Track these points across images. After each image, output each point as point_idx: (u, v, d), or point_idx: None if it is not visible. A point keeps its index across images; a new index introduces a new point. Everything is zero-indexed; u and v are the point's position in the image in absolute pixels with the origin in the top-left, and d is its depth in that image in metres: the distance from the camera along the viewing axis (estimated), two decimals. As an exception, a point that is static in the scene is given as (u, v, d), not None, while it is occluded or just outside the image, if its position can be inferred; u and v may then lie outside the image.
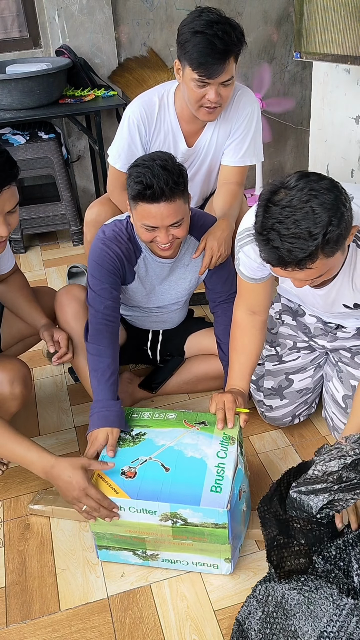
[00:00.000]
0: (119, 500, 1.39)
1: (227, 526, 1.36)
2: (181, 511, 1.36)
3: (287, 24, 3.46)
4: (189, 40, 1.77)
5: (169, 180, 1.55)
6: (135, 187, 1.57)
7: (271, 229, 1.20)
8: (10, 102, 2.87)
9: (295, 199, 1.18)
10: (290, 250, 1.19)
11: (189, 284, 1.91)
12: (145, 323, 2.03)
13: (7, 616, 1.43)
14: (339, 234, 1.19)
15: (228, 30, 1.75)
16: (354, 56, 2.11)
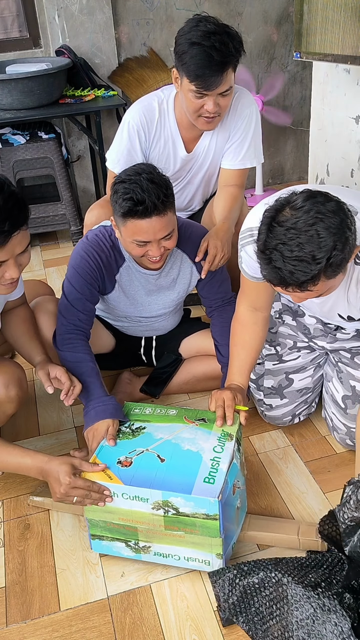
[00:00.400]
0: (112, 486, 1.39)
1: (218, 518, 1.35)
2: (173, 499, 1.36)
3: (287, 24, 3.47)
4: (186, 52, 1.76)
5: (159, 194, 1.54)
6: (124, 204, 1.55)
7: (274, 249, 1.19)
8: (10, 102, 2.87)
9: (301, 221, 1.17)
10: (292, 272, 1.18)
11: (177, 295, 1.90)
12: (137, 332, 2.03)
13: (7, 616, 1.43)
14: (342, 258, 1.19)
15: (226, 41, 1.73)
16: (354, 56, 2.11)
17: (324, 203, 1.19)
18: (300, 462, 1.80)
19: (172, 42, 3.31)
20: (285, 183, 3.97)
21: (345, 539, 1.33)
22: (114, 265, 1.78)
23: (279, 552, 1.51)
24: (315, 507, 1.64)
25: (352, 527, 1.30)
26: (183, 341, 2.06)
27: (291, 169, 3.95)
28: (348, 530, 1.31)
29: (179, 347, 2.06)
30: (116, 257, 1.77)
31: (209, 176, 2.16)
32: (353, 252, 1.24)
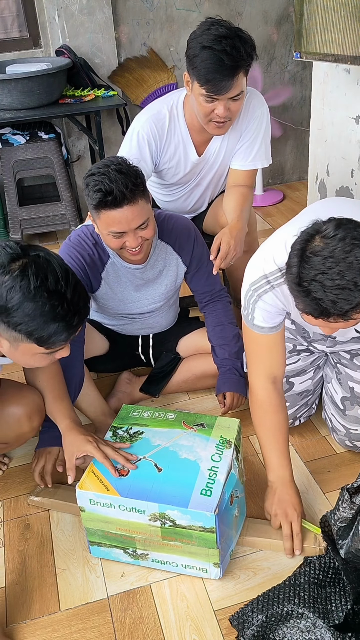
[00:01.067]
0: (109, 498, 1.39)
1: (214, 530, 1.35)
2: (169, 512, 1.35)
3: (287, 24, 3.46)
4: (197, 56, 1.74)
5: (127, 182, 1.54)
6: (95, 195, 1.55)
7: (313, 280, 1.16)
8: (10, 102, 2.87)
9: (338, 250, 1.14)
10: (334, 302, 1.16)
11: (165, 288, 1.90)
12: (132, 330, 2.03)
13: (7, 616, 1.43)
14: None
15: (237, 45, 1.71)
16: (354, 56, 2.10)
17: (356, 228, 1.17)
18: (300, 462, 1.80)
19: (172, 42, 3.34)
20: (285, 183, 3.97)
21: (339, 541, 1.32)
22: (99, 263, 1.79)
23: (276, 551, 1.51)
24: (315, 507, 1.64)
25: (344, 528, 1.30)
26: (181, 340, 2.06)
27: (291, 169, 3.95)
28: (340, 532, 1.31)
29: (177, 346, 2.06)
30: (100, 254, 1.78)
31: (218, 177, 2.16)
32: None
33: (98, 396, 1.85)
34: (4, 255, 1.24)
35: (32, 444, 1.94)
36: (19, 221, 3.22)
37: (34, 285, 1.21)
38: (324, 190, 2.78)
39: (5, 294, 1.21)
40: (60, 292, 1.24)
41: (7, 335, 1.27)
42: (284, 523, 1.50)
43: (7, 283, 1.21)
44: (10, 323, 1.24)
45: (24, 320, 1.22)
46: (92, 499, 1.40)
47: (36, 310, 1.22)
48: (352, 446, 1.77)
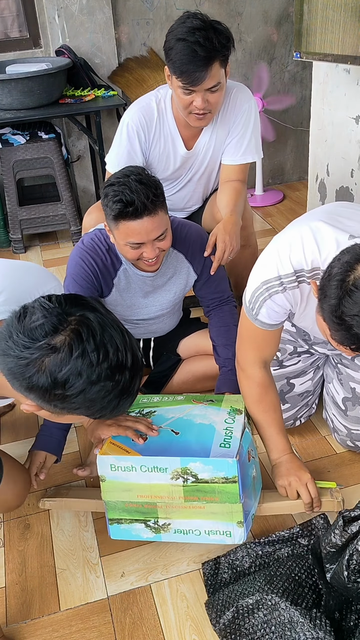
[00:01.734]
0: (130, 459, 1.41)
1: (237, 480, 1.38)
2: (191, 465, 1.38)
3: (287, 24, 3.46)
4: (172, 48, 1.77)
5: (149, 193, 1.53)
6: (115, 206, 1.55)
7: (357, 315, 1.11)
8: (10, 102, 2.87)
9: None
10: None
11: (173, 295, 1.90)
12: (135, 334, 2.02)
13: (7, 616, 1.43)
14: None
15: (210, 36, 1.73)
16: (354, 56, 2.10)
17: None
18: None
19: (172, 42, 3.33)
20: (286, 183, 3.97)
21: (326, 564, 1.31)
22: (111, 269, 1.78)
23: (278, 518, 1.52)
24: (315, 507, 1.64)
25: (333, 554, 1.29)
26: (182, 341, 2.06)
27: (291, 169, 3.95)
28: (329, 556, 1.30)
29: (177, 347, 2.06)
30: (113, 260, 1.77)
31: (209, 173, 2.16)
32: None
33: None
34: (46, 322, 1.00)
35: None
36: (19, 221, 3.22)
37: (95, 366, 1.00)
38: (324, 190, 2.78)
39: (60, 377, 0.99)
40: (123, 363, 1.04)
41: (57, 412, 1.08)
42: (300, 488, 1.52)
43: (61, 365, 0.99)
44: (66, 408, 1.05)
45: (85, 406, 1.04)
46: (113, 464, 1.42)
47: (100, 393, 1.03)
48: (353, 446, 1.77)
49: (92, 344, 1.00)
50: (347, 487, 1.70)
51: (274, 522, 1.61)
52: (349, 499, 1.65)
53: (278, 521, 1.61)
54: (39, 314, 1.01)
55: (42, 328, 1.00)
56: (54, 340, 0.99)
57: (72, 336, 0.99)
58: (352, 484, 1.70)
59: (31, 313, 1.02)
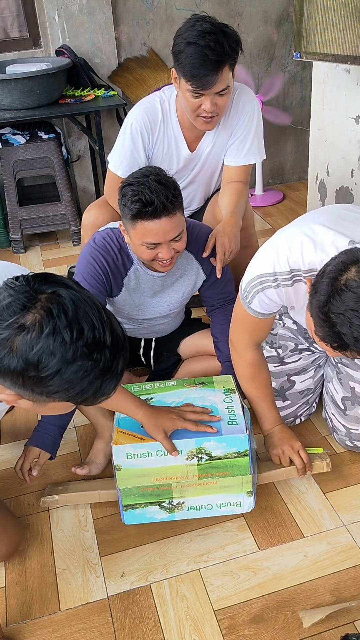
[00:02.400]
0: (146, 446, 1.46)
1: (248, 453, 1.47)
2: (206, 444, 1.46)
3: (287, 24, 3.46)
4: (182, 52, 1.77)
5: (168, 194, 1.54)
6: (133, 206, 1.55)
7: (342, 314, 1.13)
8: (10, 102, 2.87)
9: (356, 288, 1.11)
10: (357, 339, 1.14)
11: (181, 296, 1.90)
12: (137, 334, 2.03)
13: (7, 616, 1.43)
14: None
15: (221, 40, 1.74)
16: (354, 56, 2.10)
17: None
18: (300, 462, 1.80)
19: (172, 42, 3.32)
20: (285, 183, 3.97)
21: None
22: (122, 269, 1.78)
23: (278, 518, 1.51)
24: (315, 507, 1.64)
25: None
26: (182, 341, 2.06)
27: (291, 169, 3.95)
28: None
29: (178, 347, 2.06)
30: (124, 260, 1.77)
31: (210, 174, 2.16)
32: None
33: None
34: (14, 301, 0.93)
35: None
36: (19, 221, 3.22)
37: (70, 344, 0.93)
38: (324, 190, 2.78)
39: (31, 358, 0.92)
40: (101, 340, 0.96)
41: (37, 399, 1.01)
42: (293, 455, 1.63)
43: (32, 344, 0.92)
44: (44, 392, 0.97)
45: (64, 388, 0.96)
46: (129, 453, 1.47)
47: (78, 374, 0.95)
48: (352, 446, 1.77)
49: (65, 321, 0.93)
50: (347, 487, 1.70)
51: (274, 520, 1.61)
52: (349, 499, 1.66)
53: (279, 521, 1.61)
54: (5, 294, 0.94)
55: (9, 307, 0.93)
56: (24, 319, 0.92)
57: (43, 313, 0.92)
58: (352, 484, 1.70)
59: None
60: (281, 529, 1.59)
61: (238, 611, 1.40)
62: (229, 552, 1.54)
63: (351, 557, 1.50)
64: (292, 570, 1.48)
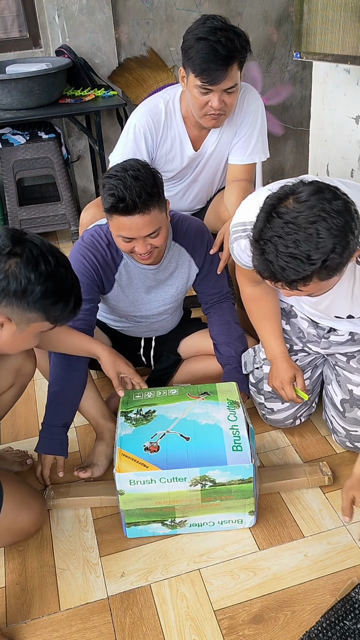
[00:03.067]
0: (150, 474, 1.44)
1: (252, 480, 1.47)
2: (210, 473, 1.45)
3: (287, 24, 3.46)
4: (192, 47, 1.77)
5: (141, 192, 1.53)
6: (108, 199, 1.55)
7: (269, 240, 1.13)
8: (10, 102, 2.87)
9: (302, 217, 1.10)
10: (283, 268, 1.13)
11: (176, 290, 1.90)
12: (137, 333, 2.03)
13: (7, 616, 1.43)
14: (339, 262, 1.13)
15: (232, 37, 1.75)
16: (354, 56, 2.10)
17: (331, 201, 1.11)
18: (300, 462, 1.80)
19: (172, 42, 3.33)
20: (285, 183, 3.96)
21: None
22: (112, 264, 1.78)
23: (278, 518, 1.51)
24: (315, 507, 1.64)
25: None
26: (182, 341, 2.06)
27: (291, 169, 3.95)
28: None
29: (178, 347, 2.06)
30: (113, 255, 1.77)
31: (213, 173, 2.16)
32: (353, 256, 1.18)
33: (99, 399, 1.85)
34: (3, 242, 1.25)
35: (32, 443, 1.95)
36: (19, 221, 3.22)
37: (52, 266, 1.26)
38: (324, 190, 2.77)
39: (20, 275, 1.22)
40: (68, 268, 1.32)
41: (22, 318, 1.27)
42: (284, 389, 1.72)
43: (25, 268, 1.23)
44: (32, 305, 1.25)
45: (47, 299, 1.25)
46: (132, 480, 1.45)
47: (59, 286, 1.26)
48: (352, 447, 1.77)
49: (37, 251, 1.25)
50: (347, 487, 1.70)
51: (274, 520, 1.61)
52: (349, 499, 1.66)
53: (279, 521, 1.61)
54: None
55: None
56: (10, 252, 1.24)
57: (22, 248, 1.25)
58: (352, 484, 1.70)
59: None
60: (281, 529, 1.59)
61: (238, 611, 1.40)
62: (229, 552, 1.54)
63: (351, 557, 1.50)
64: (292, 570, 1.48)
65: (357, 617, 1.33)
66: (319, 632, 1.32)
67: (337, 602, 1.37)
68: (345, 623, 1.32)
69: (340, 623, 1.33)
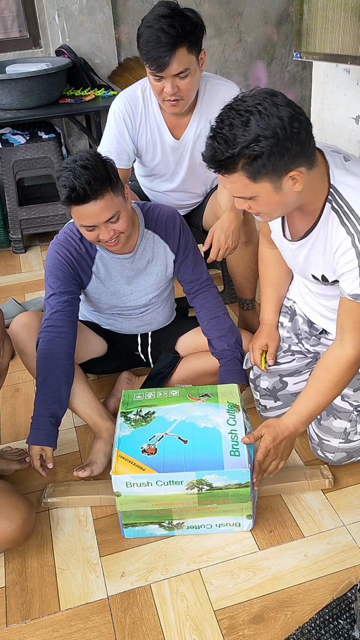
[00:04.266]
0: (146, 477, 1.43)
1: (249, 484, 1.45)
2: (207, 477, 1.44)
3: (287, 24, 3.46)
4: (140, 35, 1.82)
5: (90, 179, 1.55)
6: (62, 192, 1.58)
7: (214, 126, 1.21)
8: (10, 102, 2.87)
9: (242, 106, 1.18)
10: (215, 150, 1.20)
11: (156, 278, 1.91)
12: (130, 328, 2.02)
13: (7, 616, 1.43)
14: (262, 156, 1.18)
15: (174, 23, 1.76)
16: (354, 56, 2.11)
17: (276, 105, 1.18)
18: (300, 462, 1.80)
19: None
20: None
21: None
22: (87, 258, 1.81)
23: (278, 518, 1.52)
24: (315, 507, 1.64)
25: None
26: (180, 339, 2.06)
27: (291, 169, 3.95)
28: None
29: (175, 344, 2.06)
30: (87, 248, 1.80)
31: (200, 166, 2.16)
32: (285, 170, 1.22)
33: (94, 398, 1.85)
34: None
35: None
36: (19, 221, 3.22)
37: None
38: (324, 190, 2.78)
39: None
40: None
41: None
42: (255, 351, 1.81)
43: None
44: None
45: None
46: (128, 482, 1.45)
47: None
48: (323, 457, 1.72)
49: None
50: (347, 487, 1.70)
51: (274, 520, 1.61)
52: (349, 499, 1.66)
53: (279, 521, 1.61)
54: None
55: None
56: None
57: None
58: (352, 484, 1.70)
59: None
60: (281, 529, 1.58)
61: (238, 611, 1.40)
62: (229, 552, 1.54)
63: (351, 557, 1.50)
64: (292, 570, 1.48)
65: (351, 617, 1.33)
66: (312, 629, 1.32)
67: (333, 601, 1.37)
68: (339, 622, 1.33)
69: (334, 622, 1.33)
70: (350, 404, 1.65)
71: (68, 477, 1.79)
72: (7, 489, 1.54)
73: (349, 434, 1.66)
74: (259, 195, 1.28)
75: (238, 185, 1.26)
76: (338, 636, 1.30)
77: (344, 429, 1.65)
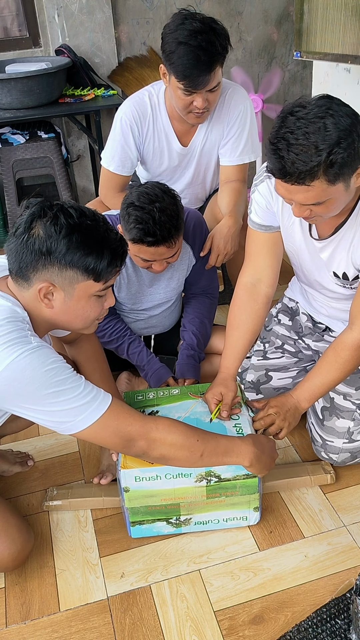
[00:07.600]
0: (155, 470, 1.44)
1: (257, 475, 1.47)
2: (215, 468, 1.45)
3: (287, 24, 3.46)
4: (173, 52, 1.76)
5: (171, 228, 1.57)
6: (135, 232, 1.58)
7: (282, 137, 1.20)
8: (10, 101, 2.86)
9: (312, 113, 1.18)
10: (294, 161, 1.18)
11: (177, 282, 1.91)
12: (136, 330, 2.02)
13: (6, 617, 1.43)
14: (344, 158, 1.17)
15: (212, 40, 1.73)
16: (354, 55, 2.10)
17: (339, 105, 1.20)
18: (302, 462, 1.80)
19: (172, 41, 3.32)
20: (285, 183, 3.96)
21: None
22: None
23: (278, 518, 1.51)
24: (315, 507, 1.64)
25: None
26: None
27: (291, 168, 3.94)
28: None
29: (177, 346, 2.06)
30: None
31: (204, 172, 2.16)
32: (355, 167, 1.22)
33: None
34: (28, 214, 1.31)
35: (32, 444, 1.95)
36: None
37: (75, 218, 1.26)
38: (324, 190, 2.77)
39: (49, 234, 1.23)
40: (99, 222, 1.30)
41: (62, 279, 1.24)
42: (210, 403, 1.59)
43: (47, 225, 1.25)
44: (63, 261, 1.23)
45: (76, 252, 1.23)
46: (137, 476, 1.45)
47: (85, 237, 1.24)
48: (327, 458, 1.72)
49: (67, 209, 1.30)
50: (347, 487, 1.70)
51: (274, 521, 1.61)
52: (349, 499, 1.66)
53: (279, 522, 1.61)
54: (24, 214, 1.31)
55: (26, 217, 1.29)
56: (42, 215, 1.29)
57: (54, 212, 1.30)
58: (353, 485, 1.70)
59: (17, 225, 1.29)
60: (281, 530, 1.58)
61: (238, 612, 1.39)
62: (229, 552, 1.54)
63: (351, 557, 1.50)
64: (293, 570, 1.48)
65: (349, 617, 1.33)
66: (309, 627, 1.32)
67: (331, 600, 1.37)
68: (336, 622, 1.33)
69: (332, 621, 1.33)
70: (352, 403, 1.65)
71: (68, 478, 1.79)
72: (10, 511, 1.51)
73: (352, 434, 1.66)
74: (332, 198, 1.25)
75: (315, 193, 1.23)
76: (335, 636, 1.30)
77: (347, 429, 1.65)
